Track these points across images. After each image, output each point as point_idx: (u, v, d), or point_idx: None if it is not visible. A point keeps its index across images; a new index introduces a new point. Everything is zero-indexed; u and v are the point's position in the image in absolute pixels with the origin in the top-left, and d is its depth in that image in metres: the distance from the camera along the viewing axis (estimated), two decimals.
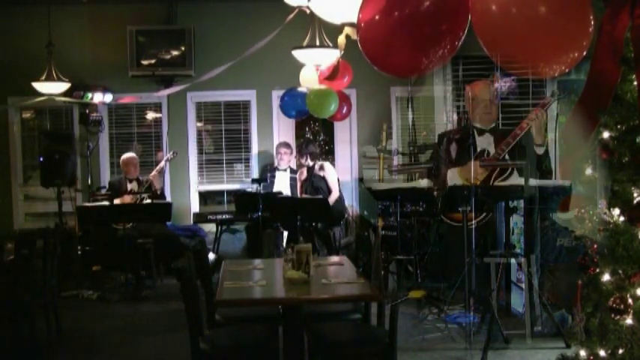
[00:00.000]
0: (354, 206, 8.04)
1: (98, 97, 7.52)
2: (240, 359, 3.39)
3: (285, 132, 8.29)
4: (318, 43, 5.80)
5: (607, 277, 2.56)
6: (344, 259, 4.24)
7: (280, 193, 7.02)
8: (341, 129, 8.32)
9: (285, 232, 7.02)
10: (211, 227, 7.66)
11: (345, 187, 7.62)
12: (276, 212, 6.54)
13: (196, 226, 7.85)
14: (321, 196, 6.71)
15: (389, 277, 6.21)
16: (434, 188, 4.05)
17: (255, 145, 8.31)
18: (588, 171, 5.66)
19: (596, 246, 4.97)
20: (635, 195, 2.52)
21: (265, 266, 4.19)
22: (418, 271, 5.43)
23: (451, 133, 4.94)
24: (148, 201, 6.83)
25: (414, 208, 5.81)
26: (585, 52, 3.03)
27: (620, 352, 2.47)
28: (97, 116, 7.78)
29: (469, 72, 6.73)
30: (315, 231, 6.68)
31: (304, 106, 6.85)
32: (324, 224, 6.75)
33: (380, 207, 6.57)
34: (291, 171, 7.43)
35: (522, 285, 4.59)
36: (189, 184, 8.30)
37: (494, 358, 4.19)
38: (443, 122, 6.80)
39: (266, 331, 3.51)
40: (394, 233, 6.26)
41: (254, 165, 8.30)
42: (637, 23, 2.54)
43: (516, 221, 4.61)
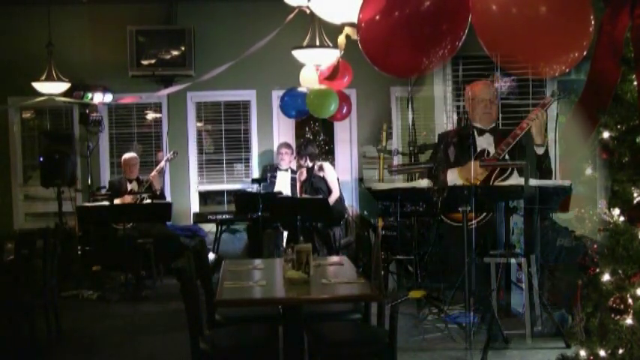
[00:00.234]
0: (354, 206, 8.04)
1: (98, 97, 7.51)
2: (240, 359, 3.39)
3: (285, 132, 8.29)
4: (318, 43, 5.80)
5: (607, 277, 2.56)
6: (344, 259, 4.24)
7: (280, 193, 7.02)
8: (341, 129, 8.32)
9: (285, 232, 7.02)
10: (211, 227, 7.66)
11: (345, 187, 7.62)
12: (276, 212, 6.54)
13: (196, 226, 7.85)
14: (321, 196, 6.71)
15: (389, 277, 6.21)
16: (434, 188, 4.04)
17: (255, 145, 8.31)
18: (588, 171, 5.68)
19: (596, 246, 4.98)
20: (635, 195, 2.52)
21: (265, 266, 4.19)
22: (418, 271, 5.43)
23: (448, 136, 4.94)
24: (148, 201, 6.83)
25: (414, 208, 5.81)
26: (585, 52, 3.03)
27: (620, 352, 2.47)
28: (97, 116, 7.78)
29: (469, 72, 6.73)
30: (315, 231, 6.68)
31: (304, 106, 6.85)
32: (324, 224, 6.75)
33: (380, 207, 6.57)
34: (292, 171, 7.44)
35: (522, 285, 4.59)
36: (189, 184, 8.30)
37: (494, 358, 4.19)
38: (443, 122, 6.81)
39: (266, 331, 3.51)
40: (394, 233, 6.26)
41: (254, 165, 8.30)
42: (637, 23, 2.54)
43: (516, 221, 4.61)
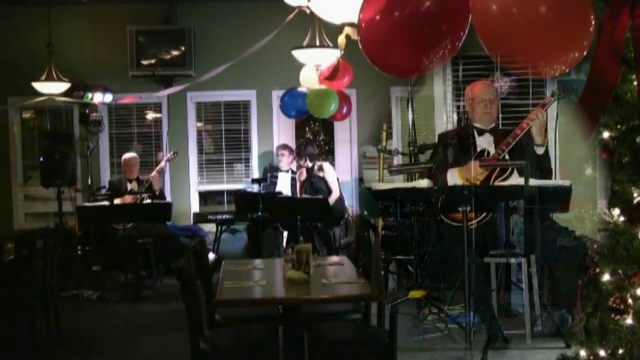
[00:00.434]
0: (354, 206, 8.05)
1: (98, 97, 7.52)
2: (240, 359, 3.39)
3: (285, 132, 8.29)
4: (318, 43, 5.80)
5: (607, 277, 2.56)
6: (344, 259, 4.24)
7: (280, 193, 7.02)
8: (341, 129, 8.33)
9: (285, 232, 7.02)
10: (211, 227, 7.67)
11: (345, 187, 7.62)
12: (276, 212, 6.54)
13: (196, 226, 7.85)
14: (321, 196, 6.71)
15: (389, 277, 6.21)
16: (434, 188, 4.04)
17: (255, 145, 8.31)
18: (588, 171, 5.68)
19: (596, 246, 4.98)
20: (635, 195, 2.52)
21: (265, 266, 4.19)
22: (418, 271, 5.43)
23: (447, 137, 4.94)
24: (148, 201, 6.83)
25: (414, 208, 5.80)
26: (585, 52, 3.03)
27: (620, 352, 2.47)
28: (97, 116, 7.78)
29: (469, 72, 6.74)
30: (315, 231, 6.68)
31: (304, 106, 6.85)
32: (324, 224, 6.75)
33: (380, 207, 6.56)
34: (293, 172, 7.44)
35: (522, 285, 4.59)
36: (189, 184, 8.30)
37: (494, 358, 4.19)
38: (443, 122, 6.81)
39: (266, 331, 3.51)
40: (394, 233, 6.26)
41: (254, 165, 8.30)
42: (637, 23, 2.54)
43: (516, 221, 4.60)
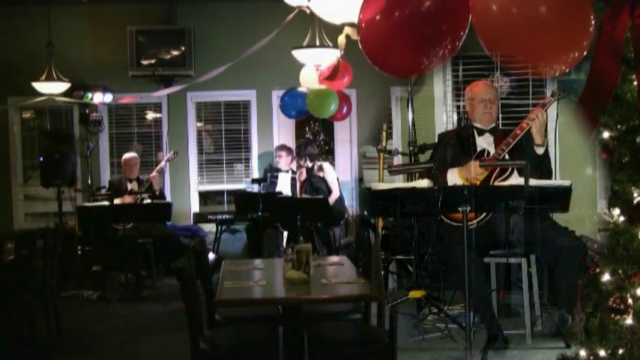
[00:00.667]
0: (354, 206, 8.05)
1: (98, 97, 7.51)
2: (240, 359, 3.38)
3: (285, 132, 8.29)
4: (318, 43, 5.80)
5: (607, 277, 2.55)
6: (344, 259, 4.24)
7: (280, 193, 7.02)
8: (341, 129, 8.33)
9: (285, 232, 7.02)
10: (211, 227, 7.66)
11: (345, 187, 7.62)
12: (276, 212, 6.54)
13: (196, 226, 7.85)
14: (321, 196, 6.71)
15: (389, 277, 6.21)
16: (434, 188, 4.04)
17: (255, 145, 8.31)
18: (588, 171, 5.67)
19: (596, 246, 4.98)
20: (635, 195, 2.52)
21: (265, 266, 4.18)
22: (418, 271, 5.43)
23: (447, 137, 4.94)
24: (148, 201, 6.83)
25: (414, 208, 5.79)
26: (585, 52, 3.03)
27: (620, 352, 2.47)
28: (97, 116, 7.78)
29: (469, 72, 6.73)
30: (315, 231, 6.68)
31: (304, 106, 6.85)
32: (324, 224, 6.75)
33: (380, 207, 6.55)
34: (293, 172, 7.43)
35: (522, 285, 4.59)
36: (189, 184, 8.30)
37: (494, 358, 4.19)
38: (443, 122, 6.81)
39: (266, 331, 3.51)
40: (394, 233, 6.26)
41: (254, 165, 8.30)
42: (637, 23, 2.54)
43: (516, 221, 4.60)
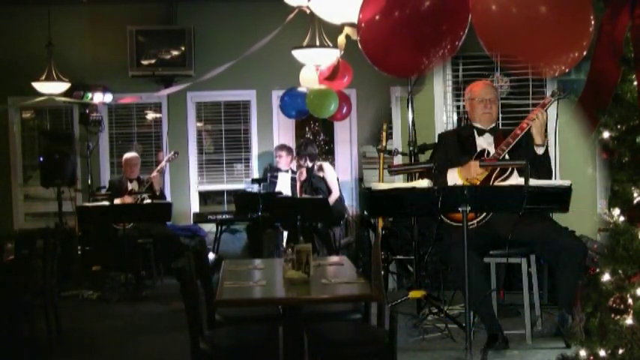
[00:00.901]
0: (354, 206, 8.05)
1: (98, 97, 7.51)
2: (240, 359, 3.39)
3: (285, 132, 8.29)
4: (318, 43, 5.80)
5: (607, 277, 2.55)
6: (344, 259, 4.24)
7: (280, 193, 7.02)
8: (341, 129, 8.33)
9: (285, 232, 7.02)
10: (211, 227, 7.66)
11: (345, 187, 7.62)
12: (276, 212, 6.54)
13: (196, 226, 7.85)
14: (321, 196, 6.71)
15: (389, 277, 6.21)
16: (434, 188, 4.03)
17: (255, 145, 8.32)
18: (588, 171, 5.67)
19: (596, 246, 4.97)
20: (635, 195, 2.52)
21: (265, 266, 4.19)
22: (418, 271, 5.43)
23: (447, 137, 4.94)
24: (148, 201, 6.83)
25: (414, 208, 5.79)
26: (585, 52, 3.02)
27: (620, 352, 2.47)
28: (97, 116, 7.78)
29: (469, 72, 6.73)
30: (315, 231, 6.68)
31: (304, 106, 6.85)
32: (324, 224, 6.75)
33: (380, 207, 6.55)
34: (293, 172, 7.43)
35: (522, 285, 4.59)
36: (189, 184, 8.31)
37: (494, 358, 4.19)
38: (443, 122, 6.80)
39: (266, 331, 3.51)
40: (394, 233, 6.26)
41: (254, 165, 8.30)
42: (637, 23, 2.54)
43: (516, 221, 4.59)
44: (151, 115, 8.45)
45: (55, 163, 7.18)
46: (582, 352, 2.61)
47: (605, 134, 2.61)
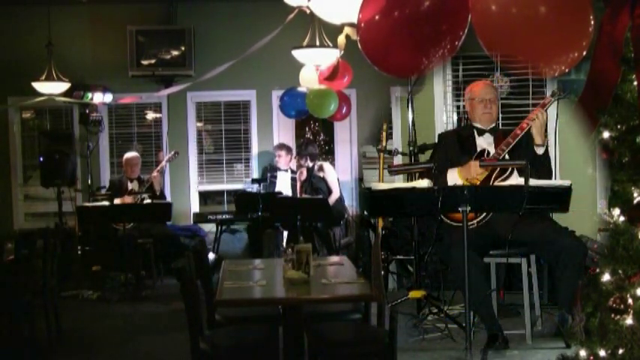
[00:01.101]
0: (354, 206, 8.05)
1: (98, 97, 7.51)
2: (240, 359, 3.39)
3: (285, 132, 8.29)
4: (318, 43, 5.79)
5: (607, 277, 2.55)
6: (344, 259, 4.24)
7: (280, 193, 7.02)
8: (341, 129, 8.33)
9: (285, 232, 7.02)
10: (211, 227, 7.67)
11: (345, 187, 7.62)
12: (276, 212, 6.54)
13: (196, 226, 7.85)
14: (321, 196, 6.71)
15: (389, 277, 6.21)
16: (434, 188, 4.03)
17: (255, 145, 8.32)
18: (588, 171, 5.66)
19: (596, 246, 4.97)
20: (635, 195, 2.52)
21: (265, 266, 4.19)
22: (418, 271, 5.43)
23: (447, 137, 4.94)
24: (148, 201, 6.84)
25: (414, 208, 5.79)
26: (585, 52, 3.02)
27: (620, 352, 2.47)
28: (97, 116, 7.78)
29: (469, 72, 6.73)
30: (315, 231, 6.68)
31: (304, 106, 6.84)
32: (324, 224, 6.75)
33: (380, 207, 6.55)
34: (292, 171, 7.43)
35: (522, 285, 4.59)
36: (189, 184, 8.31)
37: (494, 358, 4.19)
38: (443, 122, 6.80)
39: (266, 331, 3.51)
40: (394, 233, 6.26)
41: (254, 165, 8.30)
42: (637, 23, 2.54)
43: (516, 221, 4.59)
44: (150, 115, 8.45)
45: (55, 163, 7.18)
46: (582, 352, 2.61)
47: (605, 134, 2.61)
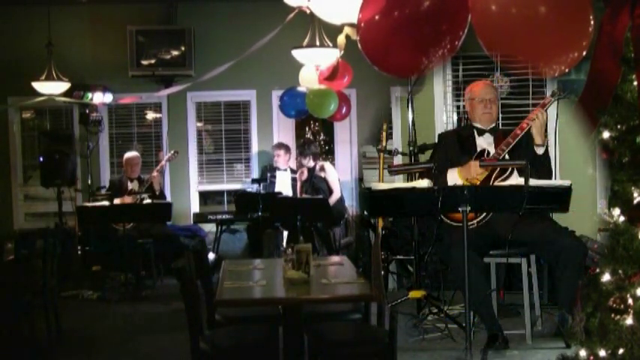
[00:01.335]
0: (354, 206, 8.05)
1: (98, 97, 7.51)
2: (240, 359, 3.39)
3: (285, 132, 8.29)
4: (318, 43, 5.79)
5: (607, 277, 2.55)
6: (344, 259, 4.24)
7: (280, 193, 7.02)
8: (341, 129, 8.33)
9: (285, 232, 7.02)
10: (211, 227, 7.67)
11: (345, 187, 7.62)
12: (276, 212, 6.54)
13: (196, 226, 7.85)
14: (321, 196, 6.71)
15: (389, 277, 6.21)
16: (434, 188, 4.03)
17: (255, 145, 8.32)
18: (588, 171, 5.66)
19: (596, 246, 4.97)
20: (635, 195, 2.52)
21: (265, 266, 4.19)
22: (418, 271, 5.43)
23: (447, 137, 4.94)
24: (148, 201, 6.84)
25: (414, 208, 5.78)
26: (585, 52, 3.02)
27: (620, 352, 2.47)
28: (97, 116, 7.78)
29: (469, 72, 6.73)
30: (315, 231, 6.68)
31: (304, 105, 6.84)
32: (324, 224, 6.75)
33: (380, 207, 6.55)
34: (292, 171, 7.43)
35: (522, 285, 4.59)
36: (189, 184, 8.31)
37: (494, 358, 4.19)
38: (443, 122, 6.80)
39: (266, 331, 3.51)
40: (394, 233, 6.26)
41: (254, 165, 8.30)
42: (637, 23, 2.54)
43: (516, 221, 4.60)
44: (150, 115, 8.45)
45: (55, 163, 7.18)
46: (582, 352, 2.60)
47: (605, 134, 2.61)
